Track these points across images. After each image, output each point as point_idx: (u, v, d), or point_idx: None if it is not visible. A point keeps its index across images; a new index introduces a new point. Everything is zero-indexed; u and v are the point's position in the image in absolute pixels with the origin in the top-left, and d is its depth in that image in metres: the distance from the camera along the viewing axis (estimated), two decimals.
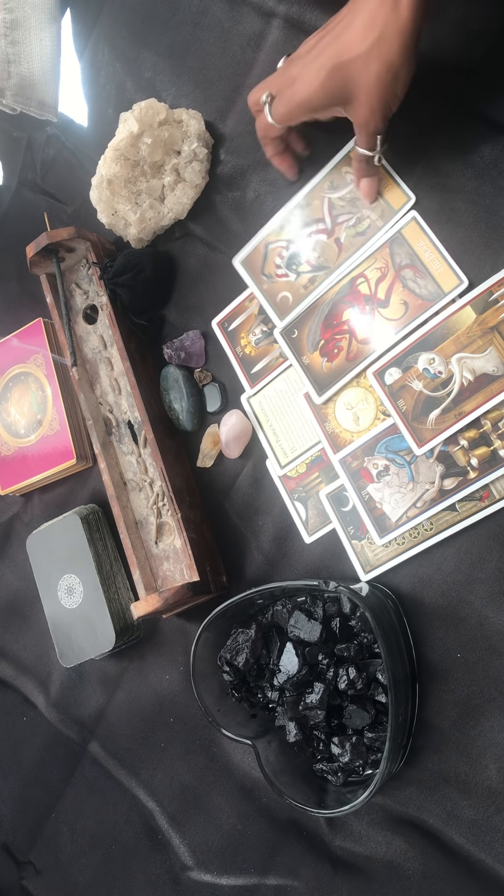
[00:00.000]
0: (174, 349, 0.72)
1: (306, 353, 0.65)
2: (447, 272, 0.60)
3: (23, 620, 0.83)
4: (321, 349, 0.64)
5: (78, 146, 0.82)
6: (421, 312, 0.61)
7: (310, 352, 0.65)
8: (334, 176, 0.65)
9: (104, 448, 0.72)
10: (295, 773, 0.60)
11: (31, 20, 0.76)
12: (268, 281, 0.67)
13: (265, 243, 0.68)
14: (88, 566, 0.73)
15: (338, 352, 0.64)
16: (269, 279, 0.67)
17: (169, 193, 0.72)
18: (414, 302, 0.61)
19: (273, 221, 0.68)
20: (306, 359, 0.65)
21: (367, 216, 0.63)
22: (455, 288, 0.59)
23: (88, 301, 0.76)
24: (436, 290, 0.60)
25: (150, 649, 0.74)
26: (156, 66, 0.76)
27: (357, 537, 0.62)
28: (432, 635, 0.59)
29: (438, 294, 0.60)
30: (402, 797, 0.60)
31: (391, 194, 0.62)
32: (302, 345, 0.65)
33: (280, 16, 0.69)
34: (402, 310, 0.62)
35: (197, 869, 0.69)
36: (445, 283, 0.60)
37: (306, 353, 0.65)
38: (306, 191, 0.66)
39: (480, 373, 0.57)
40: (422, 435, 0.59)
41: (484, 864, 0.56)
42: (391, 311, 0.62)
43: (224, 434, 0.68)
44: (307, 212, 0.66)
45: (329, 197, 0.65)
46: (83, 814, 0.77)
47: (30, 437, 0.80)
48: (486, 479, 0.57)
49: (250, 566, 0.69)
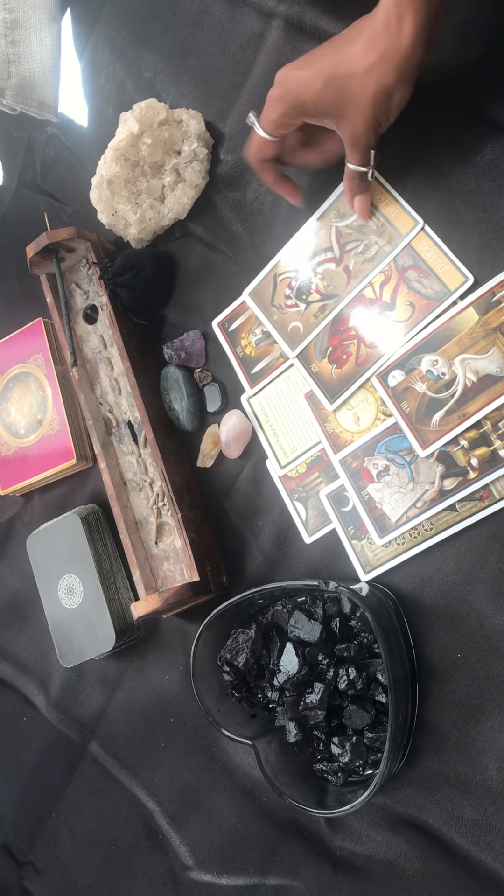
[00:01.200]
0: (174, 349, 0.72)
1: (315, 361, 0.65)
2: (451, 270, 0.60)
3: (23, 620, 0.83)
4: (329, 356, 0.64)
5: (78, 146, 0.82)
6: (428, 312, 0.61)
7: (318, 360, 0.65)
8: (340, 204, 0.65)
9: (104, 448, 0.72)
10: (295, 773, 0.60)
11: (31, 20, 0.76)
12: (278, 312, 0.67)
13: (274, 274, 0.68)
14: (88, 566, 0.73)
15: (346, 358, 0.64)
16: (279, 310, 0.67)
17: (169, 193, 0.72)
18: (420, 302, 0.61)
19: (281, 253, 0.68)
20: (315, 367, 0.65)
21: (375, 242, 0.63)
22: (461, 285, 0.59)
23: (88, 301, 0.76)
24: (441, 289, 0.60)
25: (150, 649, 0.74)
26: (156, 66, 0.76)
27: (357, 537, 0.62)
28: (432, 635, 0.59)
29: (444, 293, 0.60)
30: (402, 797, 0.60)
31: (399, 219, 0.62)
32: (310, 353, 0.65)
33: (280, 16, 0.69)
34: (409, 311, 0.61)
35: (197, 869, 0.69)
36: (451, 282, 0.60)
37: (315, 361, 0.65)
38: (313, 220, 0.66)
39: (484, 374, 0.57)
40: (425, 437, 0.59)
41: (484, 864, 0.56)
42: (398, 314, 0.62)
43: (224, 434, 0.68)
44: (315, 242, 0.66)
45: (336, 226, 0.65)
46: (83, 814, 0.77)
47: (30, 437, 0.80)
48: (486, 479, 0.57)
49: (250, 566, 0.69)
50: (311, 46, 0.66)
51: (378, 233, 0.63)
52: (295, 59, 0.55)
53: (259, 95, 0.70)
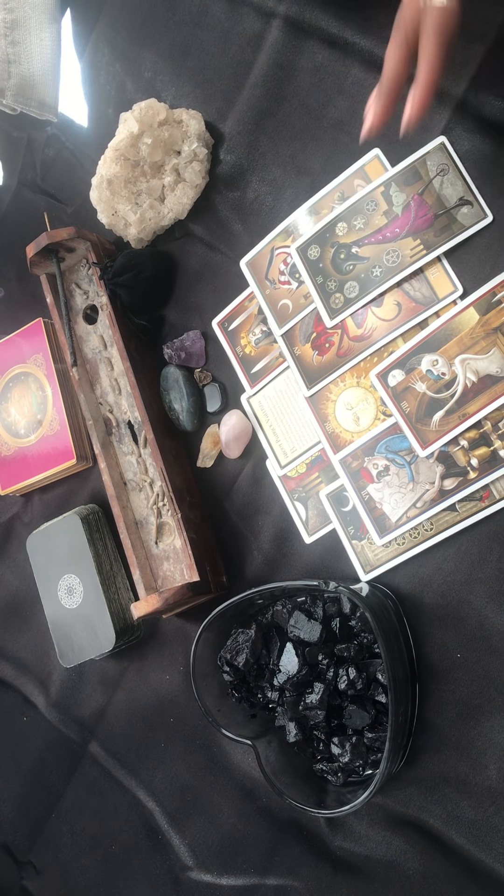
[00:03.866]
0: (174, 349, 0.72)
1: (298, 343, 0.65)
2: (442, 278, 0.60)
3: (23, 620, 0.83)
4: (313, 342, 0.64)
5: (78, 146, 0.82)
6: (414, 315, 0.61)
7: (301, 343, 0.65)
8: (345, 187, 0.65)
9: (104, 448, 0.72)
10: (295, 773, 0.60)
11: (31, 20, 0.76)
12: (270, 286, 0.67)
13: (271, 248, 0.68)
14: (88, 566, 0.73)
15: (329, 346, 0.64)
16: (272, 284, 0.67)
17: (169, 193, 0.72)
18: (407, 304, 0.61)
19: (281, 226, 0.68)
20: (297, 349, 0.65)
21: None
22: (449, 295, 0.60)
23: (88, 301, 0.76)
24: (430, 294, 0.60)
25: (150, 649, 0.74)
26: (156, 66, 0.76)
27: (357, 537, 0.62)
28: (432, 635, 0.59)
29: (432, 299, 0.60)
30: (402, 797, 0.60)
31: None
32: (295, 335, 0.65)
33: (280, 16, 0.69)
34: (395, 310, 0.62)
35: (197, 869, 0.69)
36: (440, 289, 0.60)
37: (298, 343, 0.65)
38: (316, 199, 0.66)
39: (484, 374, 0.57)
40: (426, 437, 0.59)
41: (484, 864, 0.56)
42: (384, 312, 0.62)
43: (224, 434, 0.68)
44: (315, 220, 0.66)
45: (337, 208, 0.65)
46: (83, 814, 0.77)
47: (30, 437, 0.80)
48: (486, 480, 0.57)
49: (250, 566, 0.69)
50: (311, 46, 0.67)
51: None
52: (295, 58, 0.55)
53: (259, 95, 0.70)
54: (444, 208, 0.59)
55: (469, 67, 0.60)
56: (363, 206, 0.62)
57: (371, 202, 0.62)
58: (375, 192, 0.62)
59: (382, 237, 0.61)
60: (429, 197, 0.60)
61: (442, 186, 0.59)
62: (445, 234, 0.59)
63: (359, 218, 0.62)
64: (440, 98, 0.61)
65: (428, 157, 0.60)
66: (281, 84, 0.69)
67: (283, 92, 0.69)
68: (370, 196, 0.62)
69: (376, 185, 0.62)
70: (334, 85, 0.66)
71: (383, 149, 0.63)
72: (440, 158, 0.60)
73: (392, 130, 0.63)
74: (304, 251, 0.65)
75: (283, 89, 0.69)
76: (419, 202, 0.60)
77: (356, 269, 0.62)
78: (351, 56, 0.65)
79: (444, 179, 0.59)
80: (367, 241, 0.62)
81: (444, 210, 0.59)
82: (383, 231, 0.61)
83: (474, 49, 0.60)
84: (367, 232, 0.62)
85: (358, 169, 0.64)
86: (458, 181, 0.59)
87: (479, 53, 0.60)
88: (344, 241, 0.63)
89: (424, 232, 0.60)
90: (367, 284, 0.62)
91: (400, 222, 0.61)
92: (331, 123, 0.66)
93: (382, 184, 0.62)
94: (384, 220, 0.61)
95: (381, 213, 0.61)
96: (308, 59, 0.67)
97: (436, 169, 0.60)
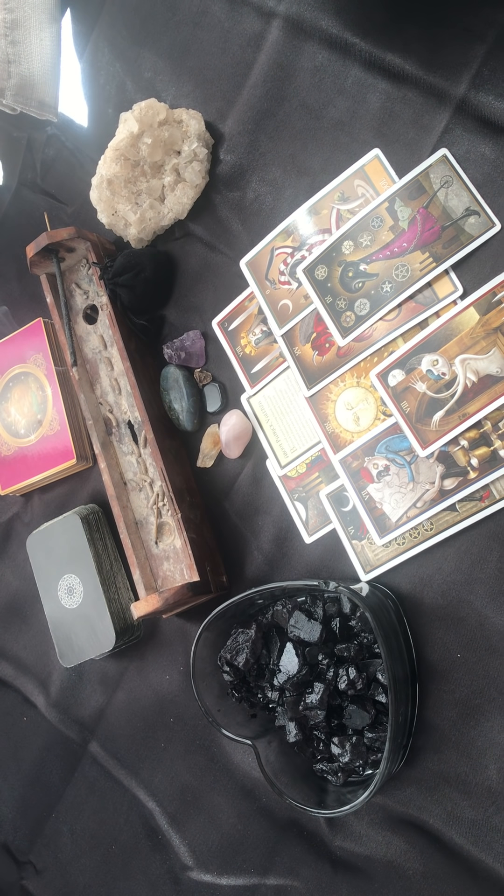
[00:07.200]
0: (174, 349, 0.72)
1: (298, 343, 0.65)
2: (443, 278, 0.60)
3: (23, 620, 0.83)
4: (313, 342, 0.64)
5: (78, 146, 0.82)
6: (413, 316, 0.61)
7: (301, 343, 0.65)
8: (346, 187, 0.65)
9: (104, 448, 0.72)
10: (295, 773, 0.60)
11: (31, 20, 0.76)
12: (270, 286, 0.67)
13: (271, 248, 0.68)
14: (88, 566, 0.73)
15: (329, 346, 0.64)
16: (272, 284, 0.67)
17: (169, 193, 0.72)
18: (407, 304, 0.61)
19: (281, 226, 0.68)
20: (298, 349, 0.65)
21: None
22: (449, 295, 0.60)
23: (88, 301, 0.76)
24: (430, 294, 0.61)
25: (150, 649, 0.74)
26: (156, 66, 0.76)
27: (357, 537, 0.62)
28: (432, 635, 0.59)
29: (432, 299, 0.60)
30: (402, 797, 0.60)
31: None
32: (295, 335, 0.65)
33: (280, 16, 0.69)
34: (395, 311, 0.62)
35: (197, 869, 0.69)
36: (440, 289, 0.60)
37: (298, 343, 0.65)
38: (316, 199, 0.66)
39: (484, 374, 0.57)
40: (426, 437, 0.59)
41: (484, 864, 0.56)
42: (384, 312, 0.62)
43: (224, 434, 0.68)
44: (315, 221, 0.66)
45: (338, 208, 0.65)
46: (83, 814, 0.77)
47: (30, 437, 0.80)
48: (486, 480, 0.57)
49: (250, 566, 0.69)
50: (311, 46, 0.67)
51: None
52: (295, 58, 0.55)
53: (259, 95, 0.70)
54: (451, 219, 0.59)
55: (469, 67, 0.60)
56: (368, 223, 0.62)
57: (376, 218, 0.62)
58: (380, 208, 0.62)
59: (390, 252, 0.61)
60: (434, 209, 0.60)
61: (447, 198, 0.59)
62: (454, 245, 0.59)
63: (365, 235, 0.62)
64: (440, 98, 0.61)
65: (431, 170, 0.60)
66: (281, 84, 0.69)
67: (283, 92, 0.69)
68: (375, 213, 0.62)
69: (380, 202, 0.62)
70: (334, 85, 0.66)
71: (383, 149, 0.63)
72: (443, 171, 0.60)
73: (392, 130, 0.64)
74: (311, 272, 0.64)
75: (283, 89, 0.69)
76: (425, 215, 0.60)
77: (365, 286, 0.62)
78: (351, 56, 0.65)
79: (448, 191, 0.59)
80: (374, 257, 0.62)
81: (451, 221, 0.59)
82: (391, 246, 0.61)
83: (474, 49, 0.60)
84: (374, 248, 0.62)
85: (358, 169, 0.64)
86: (463, 191, 0.59)
87: (479, 53, 0.60)
88: (351, 259, 0.63)
89: (433, 244, 0.60)
90: (378, 301, 0.62)
91: (407, 236, 0.61)
92: (331, 123, 0.66)
93: (386, 199, 0.62)
94: (391, 235, 0.61)
95: (388, 228, 0.62)
96: (308, 59, 0.67)
97: (440, 181, 0.60)
